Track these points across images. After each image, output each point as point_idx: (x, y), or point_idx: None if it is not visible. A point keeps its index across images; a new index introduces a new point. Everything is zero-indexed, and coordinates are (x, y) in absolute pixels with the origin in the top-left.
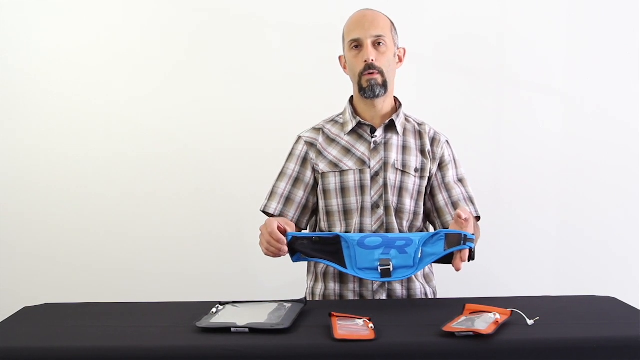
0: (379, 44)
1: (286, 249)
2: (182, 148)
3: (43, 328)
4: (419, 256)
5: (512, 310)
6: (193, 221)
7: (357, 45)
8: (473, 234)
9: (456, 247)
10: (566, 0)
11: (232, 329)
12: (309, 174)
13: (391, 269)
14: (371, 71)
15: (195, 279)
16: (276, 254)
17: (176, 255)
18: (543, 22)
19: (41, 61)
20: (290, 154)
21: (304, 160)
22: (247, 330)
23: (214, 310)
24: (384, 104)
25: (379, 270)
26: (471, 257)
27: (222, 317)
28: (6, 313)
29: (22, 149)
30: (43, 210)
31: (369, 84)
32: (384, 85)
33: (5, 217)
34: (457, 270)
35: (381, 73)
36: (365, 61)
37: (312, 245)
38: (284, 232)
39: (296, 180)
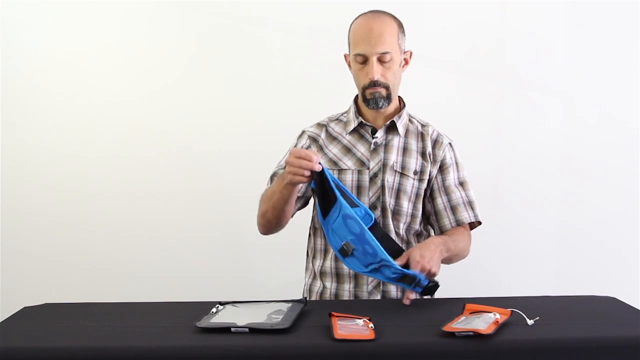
0: (384, 60)
1: (318, 166)
2: (182, 149)
3: (43, 328)
4: (375, 267)
5: (512, 310)
6: (193, 221)
7: (362, 60)
8: (428, 279)
9: (404, 284)
10: (566, 1)
11: (232, 329)
12: None
13: (349, 254)
14: (376, 86)
15: (195, 279)
16: (306, 169)
17: (176, 255)
18: (544, 23)
19: (42, 62)
20: (294, 147)
21: None
22: (247, 330)
23: (214, 310)
24: (388, 107)
25: (340, 246)
26: (429, 292)
27: (222, 317)
28: (6, 313)
29: (22, 149)
30: (43, 210)
31: (373, 97)
32: (388, 97)
33: (5, 217)
34: (404, 302)
35: (386, 87)
36: (370, 78)
37: (321, 182)
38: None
39: None
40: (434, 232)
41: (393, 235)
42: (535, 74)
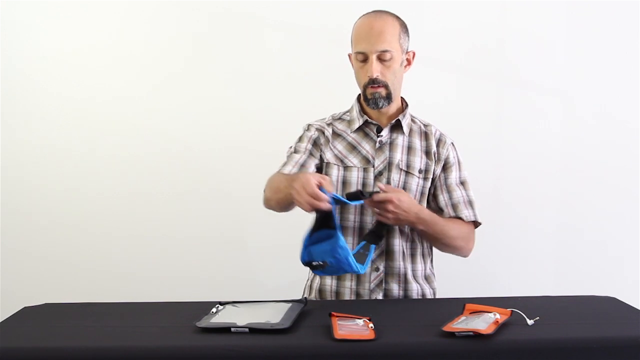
0: (384, 58)
1: (327, 205)
2: (182, 148)
3: (43, 328)
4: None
5: (512, 310)
6: (193, 221)
7: (363, 58)
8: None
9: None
10: (566, 1)
11: (232, 329)
12: (318, 154)
13: (319, 269)
14: (375, 85)
15: (195, 279)
16: (315, 208)
17: (176, 255)
18: (543, 23)
19: (42, 62)
20: (302, 137)
21: (315, 142)
22: (247, 330)
23: (214, 310)
24: (390, 107)
25: (312, 262)
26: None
27: (222, 317)
28: (6, 313)
29: (22, 149)
30: (43, 210)
31: (373, 97)
32: (388, 97)
33: (5, 217)
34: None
35: (385, 86)
36: (369, 76)
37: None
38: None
39: (310, 156)
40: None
41: (397, 234)
42: (535, 74)
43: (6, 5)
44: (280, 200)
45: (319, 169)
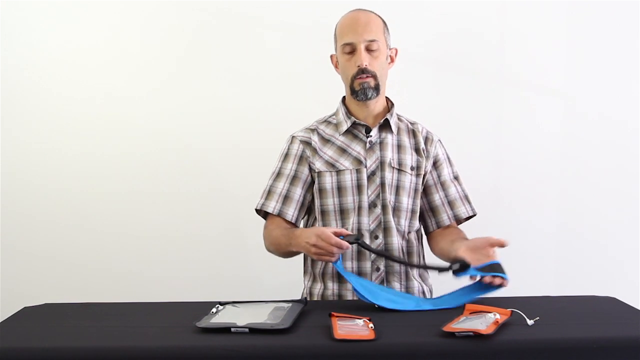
0: (372, 48)
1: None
2: (182, 148)
3: (43, 328)
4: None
5: (512, 310)
6: (193, 221)
7: (350, 49)
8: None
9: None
10: (566, 1)
11: (232, 329)
12: (306, 171)
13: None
14: (364, 75)
15: (195, 279)
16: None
17: (176, 255)
18: (543, 22)
19: (41, 61)
20: (287, 154)
21: (301, 158)
22: (247, 330)
23: (214, 310)
24: (377, 105)
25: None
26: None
27: (222, 317)
28: (6, 313)
29: (22, 149)
30: (43, 210)
31: (362, 87)
32: (377, 88)
33: (5, 217)
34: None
35: (374, 77)
36: (359, 66)
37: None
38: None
39: (294, 179)
40: (429, 228)
41: (395, 232)
42: (535, 74)
43: (6, 5)
44: (282, 253)
45: (312, 182)
